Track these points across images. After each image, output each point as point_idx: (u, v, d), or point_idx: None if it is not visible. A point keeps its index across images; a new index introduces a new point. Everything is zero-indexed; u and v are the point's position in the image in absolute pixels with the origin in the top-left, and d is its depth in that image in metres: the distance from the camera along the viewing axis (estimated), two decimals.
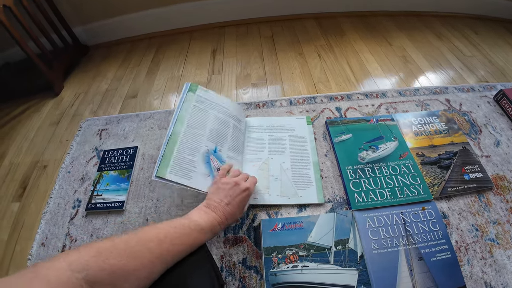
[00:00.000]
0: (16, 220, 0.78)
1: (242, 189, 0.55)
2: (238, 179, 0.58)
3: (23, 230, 0.75)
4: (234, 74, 1.10)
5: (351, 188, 0.69)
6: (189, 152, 0.62)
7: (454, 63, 1.10)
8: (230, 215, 0.52)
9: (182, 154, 0.61)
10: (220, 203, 0.52)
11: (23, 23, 1.01)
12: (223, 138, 0.70)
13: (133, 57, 1.29)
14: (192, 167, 0.61)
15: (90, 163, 0.83)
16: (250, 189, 0.57)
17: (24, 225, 0.76)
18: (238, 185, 0.56)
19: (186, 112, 0.67)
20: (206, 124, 0.68)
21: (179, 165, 0.59)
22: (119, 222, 0.69)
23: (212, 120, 0.70)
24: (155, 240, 0.37)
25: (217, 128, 0.70)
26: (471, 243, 0.61)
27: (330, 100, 0.90)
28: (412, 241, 0.61)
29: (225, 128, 0.72)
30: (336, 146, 0.77)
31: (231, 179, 0.58)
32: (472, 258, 0.59)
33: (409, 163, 0.73)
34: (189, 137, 0.64)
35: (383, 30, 1.28)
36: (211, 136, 0.67)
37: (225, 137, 0.70)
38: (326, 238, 0.62)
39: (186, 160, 0.61)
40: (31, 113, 1.09)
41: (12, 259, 0.70)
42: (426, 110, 0.87)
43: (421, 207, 0.66)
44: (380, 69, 1.07)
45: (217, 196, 0.54)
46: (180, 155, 0.60)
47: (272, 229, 0.62)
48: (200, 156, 0.63)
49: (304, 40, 1.23)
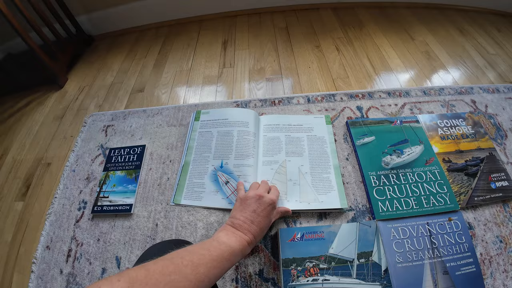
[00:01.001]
0: (20, 220, 0.75)
1: (267, 203, 0.52)
2: (261, 191, 0.54)
3: (27, 231, 0.73)
4: (247, 67, 1.04)
5: (375, 196, 0.64)
6: (198, 176, 0.70)
7: (478, 61, 1.02)
8: (257, 233, 0.48)
9: (192, 179, 0.69)
10: (245, 221, 0.48)
11: (24, 13, 0.96)
12: (227, 150, 0.71)
13: (140, 48, 1.23)
14: (201, 188, 0.68)
15: (95, 161, 0.78)
16: (275, 201, 0.53)
17: (28, 226, 0.73)
18: (262, 197, 0.52)
19: (193, 142, 0.76)
20: (211, 145, 0.74)
21: (191, 190, 0.68)
22: (127, 227, 0.66)
23: (215, 138, 0.74)
24: (190, 265, 0.34)
25: (220, 143, 0.73)
26: (495, 256, 0.58)
27: (351, 98, 0.84)
28: (438, 254, 0.57)
29: (229, 139, 0.73)
30: (358, 149, 0.71)
31: (254, 193, 0.53)
32: (495, 271, 0.56)
33: (436, 169, 0.68)
34: (197, 162, 0.72)
35: (403, 23, 1.20)
36: (216, 154, 0.72)
37: (229, 149, 0.72)
38: (348, 250, 0.57)
39: (196, 184, 0.69)
40: (35, 107, 1.05)
41: (17, 262, 0.68)
42: (452, 111, 0.81)
43: (448, 218, 0.61)
44: (402, 65, 1.00)
45: (241, 214, 0.50)
46: (191, 181, 0.69)
47: (291, 239, 0.58)
48: (208, 176, 0.69)
49: (321, 32, 1.15)
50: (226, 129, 0.75)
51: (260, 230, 0.48)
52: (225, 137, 0.74)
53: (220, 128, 0.76)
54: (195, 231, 0.63)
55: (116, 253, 0.63)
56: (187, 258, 0.35)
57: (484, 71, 0.98)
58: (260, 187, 0.56)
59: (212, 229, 0.63)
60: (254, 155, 0.70)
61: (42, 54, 1.00)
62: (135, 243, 0.63)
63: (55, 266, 0.63)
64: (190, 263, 0.34)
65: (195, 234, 0.63)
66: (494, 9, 1.28)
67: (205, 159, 0.72)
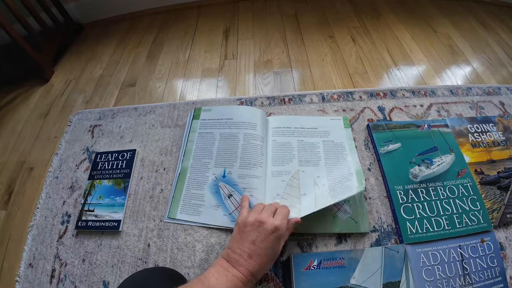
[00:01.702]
0: (2, 231, 0.67)
1: (269, 231, 0.41)
2: (263, 216, 0.43)
3: (10, 244, 0.65)
4: (251, 59, 0.93)
5: (403, 215, 0.55)
6: (197, 186, 0.60)
7: (502, 58, 0.92)
8: (257, 269, 0.38)
9: (190, 190, 0.60)
10: (242, 254, 0.39)
11: (6, 1, 0.86)
12: (231, 157, 0.62)
13: (132, 37, 1.11)
14: (200, 201, 0.59)
15: (80, 167, 0.69)
16: (280, 227, 0.42)
17: (11, 238, 0.66)
18: (263, 224, 0.41)
19: (192, 144, 0.67)
20: (212, 149, 0.64)
21: (189, 202, 0.59)
22: (115, 247, 0.57)
23: (218, 141, 0.65)
24: None
25: (223, 147, 0.64)
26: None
27: (371, 97, 0.74)
28: (469, 281, 0.50)
29: (233, 143, 0.64)
30: (382, 158, 0.62)
31: (254, 218, 0.43)
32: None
33: (468, 183, 0.59)
34: (196, 169, 0.63)
35: (423, 13, 1.08)
36: (218, 160, 0.63)
37: (234, 155, 0.62)
38: (372, 280, 0.49)
39: (194, 196, 0.60)
40: (19, 103, 0.95)
41: (1, 278, 0.60)
42: (481, 114, 0.72)
43: (480, 239, 0.53)
44: (425, 60, 0.89)
45: (238, 245, 0.40)
46: (188, 191, 0.60)
47: (306, 267, 0.49)
48: (208, 187, 0.60)
49: (334, 20, 1.03)
50: (230, 131, 0.65)
51: (260, 266, 0.39)
52: (229, 140, 0.64)
53: (224, 130, 0.66)
54: (193, 254, 0.54)
55: (103, 277, 0.55)
56: None
57: (509, 69, 0.88)
58: (264, 210, 0.46)
59: (214, 252, 0.54)
60: (263, 164, 0.60)
61: (26, 45, 0.91)
62: (124, 266, 0.55)
63: (39, 287, 0.56)
64: None
65: (193, 258, 0.54)
66: None
67: (205, 166, 0.62)
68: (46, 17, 1.07)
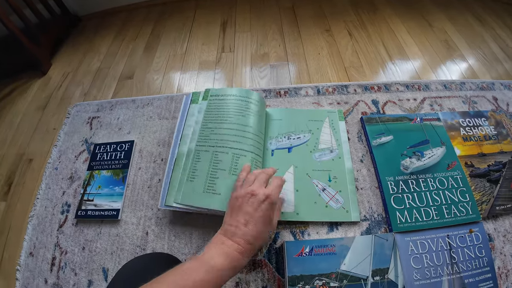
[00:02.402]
0: (2, 221, 0.68)
1: (260, 200, 0.41)
2: (254, 187, 0.44)
3: (10, 234, 0.66)
4: (248, 52, 0.93)
5: (393, 205, 0.57)
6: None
7: (497, 54, 0.93)
8: (253, 237, 0.39)
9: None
10: (237, 225, 0.39)
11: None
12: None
13: (130, 29, 1.11)
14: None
15: (79, 158, 0.71)
16: (272, 196, 0.42)
17: (11, 229, 0.67)
18: (255, 195, 0.42)
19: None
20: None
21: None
22: (114, 235, 0.59)
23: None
24: None
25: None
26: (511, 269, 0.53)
27: (365, 91, 0.75)
28: (457, 269, 0.52)
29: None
30: (375, 150, 0.63)
31: (244, 190, 0.44)
32: (510, 286, 0.52)
33: (458, 175, 0.60)
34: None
35: (420, 7, 1.08)
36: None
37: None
38: (362, 267, 0.51)
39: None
40: (17, 96, 0.95)
41: (1, 268, 0.62)
42: (474, 109, 0.73)
43: (469, 230, 0.55)
44: (420, 54, 0.90)
45: (232, 217, 0.41)
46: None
47: (298, 253, 0.51)
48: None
49: (331, 13, 1.03)
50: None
51: (257, 234, 0.39)
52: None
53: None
54: (190, 241, 0.56)
55: (102, 264, 0.57)
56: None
57: (504, 64, 0.89)
58: (255, 181, 0.46)
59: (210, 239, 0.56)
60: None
61: (23, 38, 0.91)
62: (123, 253, 0.57)
63: (40, 275, 0.57)
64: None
65: (189, 245, 0.56)
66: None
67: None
68: (43, 9, 1.06)
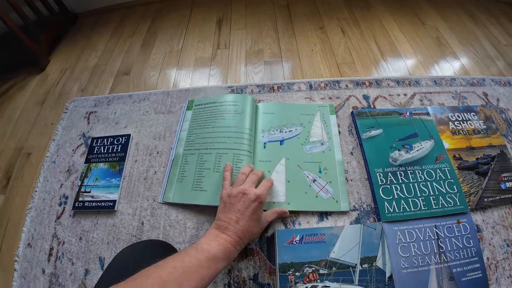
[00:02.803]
0: (1, 214, 0.70)
1: (251, 200, 0.46)
2: (245, 187, 0.48)
3: (9, 227, 0.68)
4: (243, 49, 0.95)
5: (381, 195, 0.58)
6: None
7: (489, 51, 0.94)
8: (243, 232, 0.43)
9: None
10: (230, 222, 0.44)
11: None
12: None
13: (127, 26, 1.12)
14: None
15: (77, 152, 0.72)
16: (262, 196, 0.48)
17: (9, 221, 0.68)
18: (246, 195, 0.47)
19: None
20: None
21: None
22: (110, 225, 0.60)
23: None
24: (157, 283, 0.30)
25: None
26: (501, 260, 0.54)
27: (357, 86, 0.77)
28: (445, 259, 0.53)
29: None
30: (365, 143, 0.65)
31: (236, 189, 0.48)
32: (500, 277, 0.53)
33: (446, 167, 0.62)
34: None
35: (413, 5, 1.10)
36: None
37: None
38: (351, 255, 0.53)
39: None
40: (15, 92, 0.97)
41: (0, 259, 0.63)
42: (464, 104, 0.75)
43: (456, 220, 0.57)
44: (412, 51, 0.91)
45: (225, 214, 0.45)
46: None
47: (289, 241, 0.53)
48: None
49: (324, 11, 1.05)
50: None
51: (247, 230, 0.44)
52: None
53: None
54: (184, 231, 0.58)
55: (99, 253, 0.58)
56: (155, 275, 0.31)
57: (496, 62, 0.91)
58: (246, 182, 0.51)
59: (203, 229, 0.58)
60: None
61: (22, 35, 0.92)
62: (119, 242, 0.58)
63: (37, 265, 0.59)
64: (157, 280, 0.31)
65: (184, 234, 0.57)
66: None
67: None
68: (42, 7, 1.08)
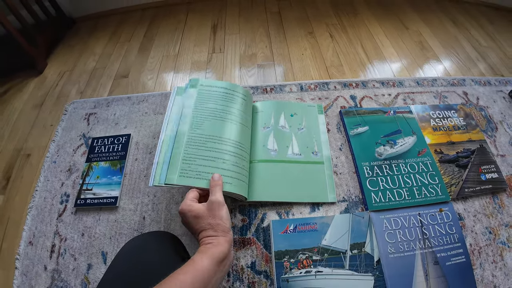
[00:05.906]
0: (1, 214, 0.71)
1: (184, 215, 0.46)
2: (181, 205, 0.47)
3: (9, 226, 0.69)
4: (237, 53, 0.99)
5: (368, 187, 0.63)
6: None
7: (470, 53, 1.02)
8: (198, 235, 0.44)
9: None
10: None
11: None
12: None
13: (124, 30, 1.15)
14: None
15: (77, 152, 0.74)
16: (181, 210, 0.46)
17: (10, 221, 0.69)
18: (181, 213, 0.47)
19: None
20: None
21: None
22: (112, 221, 0.63)
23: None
24: None
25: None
26: (484, 246, 0.59)
27: (344, 87, 0.82)
28: (429, 244, 0.58)
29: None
30: (352, 139, 0.70)
31: None
32: (484, 262, 0.58)
33: (428, 160, 0.67)
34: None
35: (398, 11, 1.17)
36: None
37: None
38: (341, 241, 0.57)
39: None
40: (13, 94, 0.98)
41: (0, 259, 0.64)
42: (444, 103, 0.81)
43: (439, 209, 0.62)
44: (396, 55, 0.98)
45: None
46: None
47: (284, 231, 0.57)
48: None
49: (314, 17, 1.11)
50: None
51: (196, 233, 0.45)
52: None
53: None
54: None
55: (101, 248, 0.60)
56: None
57: (476, 63, 0.98)
58: None
59: None
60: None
61: (20, 38, 0.94)
62: (121, 237, 0.61)
63: (39, 262, 0.60)
64: None
65: (184, 227, 0.60)
66: (487, 1, 1.27)
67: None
68: (39, 10, 1.09)
